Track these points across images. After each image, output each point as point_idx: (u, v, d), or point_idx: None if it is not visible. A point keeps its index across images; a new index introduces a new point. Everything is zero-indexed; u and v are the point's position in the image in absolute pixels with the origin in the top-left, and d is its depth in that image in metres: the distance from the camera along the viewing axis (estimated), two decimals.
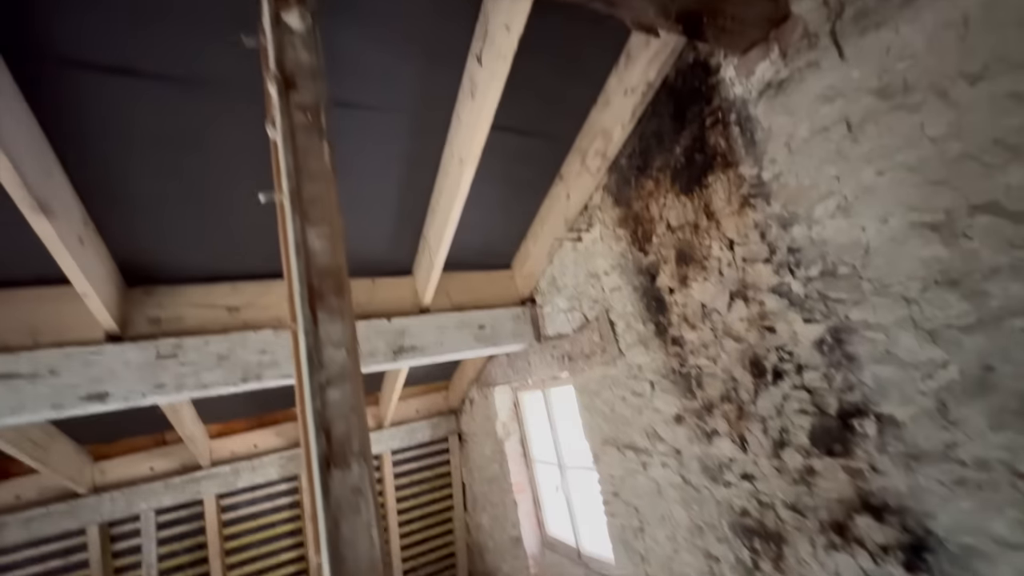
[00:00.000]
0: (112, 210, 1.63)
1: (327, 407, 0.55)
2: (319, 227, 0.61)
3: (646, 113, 1.81)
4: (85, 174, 1.50)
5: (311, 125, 0.64)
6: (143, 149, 1.50)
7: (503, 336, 2.65)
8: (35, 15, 1.14)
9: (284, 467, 3.55)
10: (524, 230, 2.61)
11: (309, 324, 0.57)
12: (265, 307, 2.10)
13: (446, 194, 1.96)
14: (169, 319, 1.92)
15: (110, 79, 1.31)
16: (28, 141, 1.25)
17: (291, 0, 0.67)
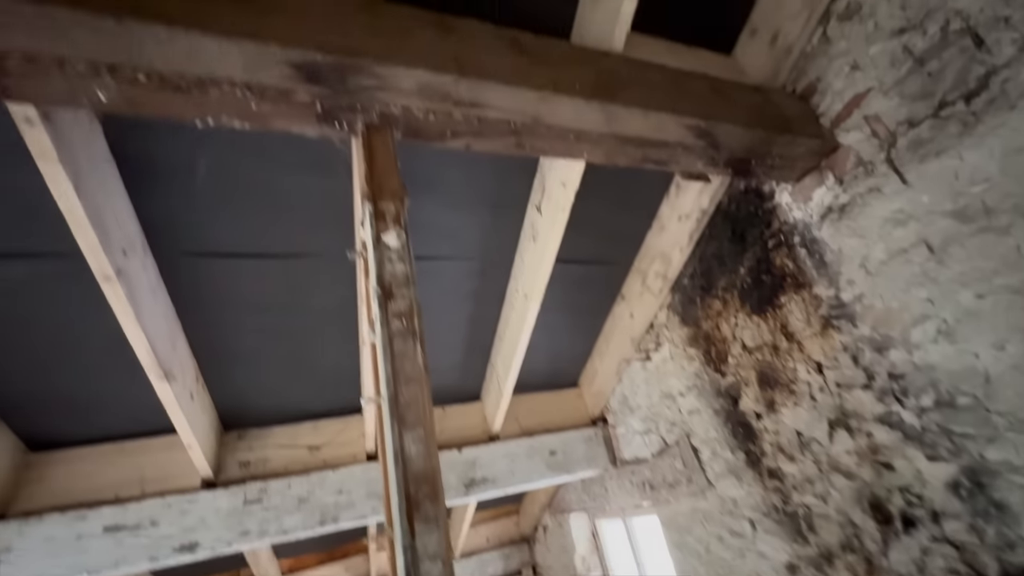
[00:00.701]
0: (218, 364, 1.82)
1: None
2: (414, 431, 0.64)
3: (703, 236, 1.85)
4: (200, 335, 1.71)
5: (406, 330, 0.71)
6: (246, 312, 1.71)
7: (576, 461, 2.52)
8: (182, 221, 1.41)
9: None
10: (589, 348, 2.60)
11: (407, 538, 0.58)
12: (343, 444, 2.15)
13: (512, 325, 2.03)
14: (257, 461, 2.01)
15: (227, 260, 1.55)
16: (163, 320, 1.47)
17: (389, 222, 0.79)
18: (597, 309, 2.37)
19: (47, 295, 1.41)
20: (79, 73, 0.70)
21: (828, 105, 1.38)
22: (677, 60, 1.38)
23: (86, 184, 1.06)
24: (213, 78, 0.76)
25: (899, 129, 1.22)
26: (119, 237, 1.22)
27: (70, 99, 0.73)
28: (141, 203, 1.33)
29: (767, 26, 1.49)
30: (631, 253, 2.15)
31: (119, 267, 1.20)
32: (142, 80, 0.73)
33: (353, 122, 0.88)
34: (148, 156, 1.24)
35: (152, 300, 1.39)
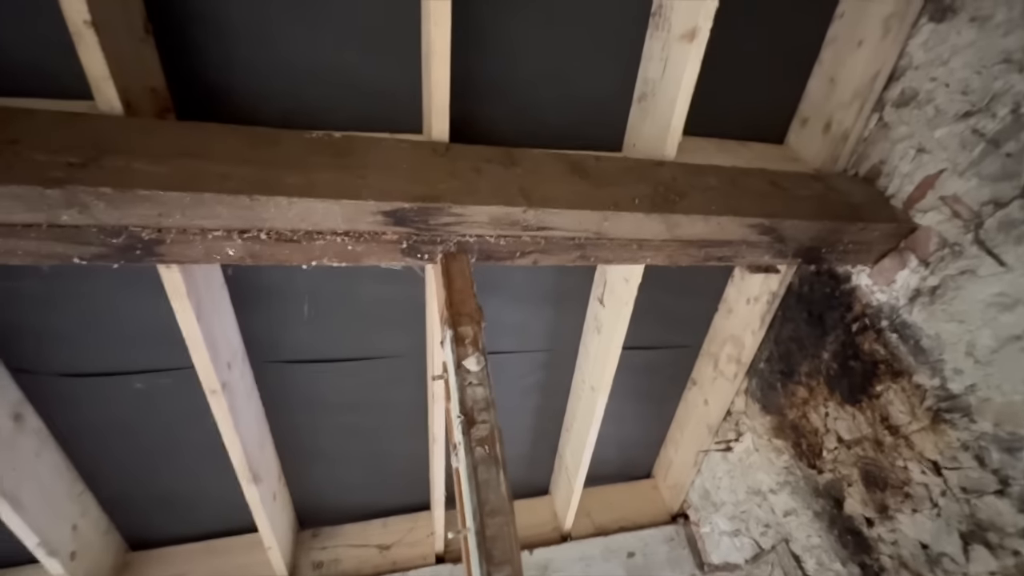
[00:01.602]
0: (298, 462, 1.90)
1: None
2: (502, 570, 0.64)
3: (776, 319, 1.77)
4: (284, 436, 1.81)
5: (489, 457, 0.73)
6: (325, 412, 1.80)
7: (658, 565, 2.29)
8: (276, 334, 1.56)
9: None
10: (662, 436, 2.46)
11: None
12: (413, 544, 2.11)
13: (580, 417, 1.98)
14: (329, 562, 2.01)
15: (311, 366, 1.67)
16: (255, 424, 1.59)
17: (468, 346, 0.84)
18: (668, 395, 2.28)
19: (158, 405, 1.57)
20: (216, 238, 0.84)
21: (897, 187, 1.35)
22: (731, 157, 1.42)
23: (205, 311, 1.22)
24: (319, 231, 0.88)
25: (984, 210, 1.16)
26: (226, 352, 1.37)
27: (206, 257, 0.88)
28: (243, 319, 1.49)
29: (818, 115, 1.52)
30: (700, 336, 2.09)
31: (224, 380, 1.34)
32: (263, 238, 0.86)
33: (433, 253, 0.98)
34: (253, 282, 1.41)
35: (247, 406, 1.51)
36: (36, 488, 1.45)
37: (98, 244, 0.81)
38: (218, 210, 0.80)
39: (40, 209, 0.74)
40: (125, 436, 1.62)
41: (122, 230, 0.80)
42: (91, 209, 0.76)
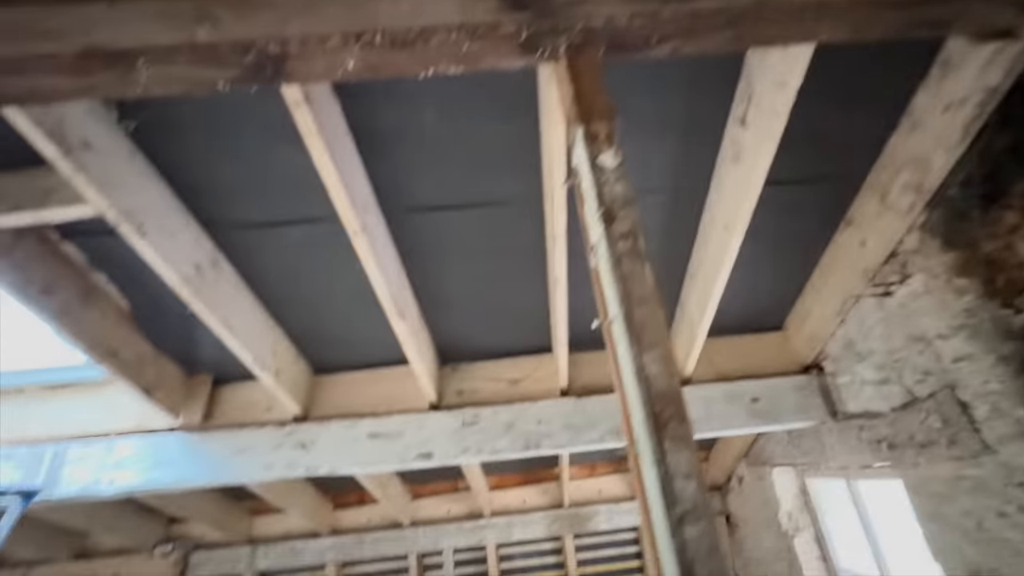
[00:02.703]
0: (433, 307, 2.10)
1: (687, 547, 0.53)
2: (652, 351, 0.63)
3: (989, 126, 1.37)
4: (418, 283, 1.99)
5: (632, 251, 0.68)
6: (452, 260, 1.90)
7: (783, 411, 2.26)
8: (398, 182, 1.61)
9: (549, 527, 3.73)
10: (799, 285, 2.25)
11: (657, 454, 0.57)
12: (539, 380, 2.32)
13: (708, 261, 1.85)
14: (469, 391, 2.31)
15: (435, 214, 1.73)
16: (394, 268, 1.74)
17: (603, 143, 0.75)
18: (812, 239, 2.01)
19: (315, 253, 1.78)
20: (334, 48, 0.81)
21: None
22: None
23: (338, 154, 1.28)
24: (433, 26, 0.80)
25: None
26: (360, 198, 1.46)
27: (328, 72, 0.86)
28: (368, 169, 1.55)
29: None
30: (864, 165, 1.74)
31: (364, 223, 1.44)
32: (378, 42, 0.81)
33: (556, 46, 0.86)
34: (370, 127, 1.43)
35: (384, 250, 1.65)
36: (241, 319, 1.80)
37: (234, 65, 0.83)
38: (332, 11, 0.76)
39: (177, 27, 0.76)
40: (296, 281, 1.90)
41: (250, 45, 0.80)
42: (221, 22, 0.76)
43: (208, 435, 2.17)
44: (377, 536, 3.65)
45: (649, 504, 0.58)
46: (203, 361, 2.23)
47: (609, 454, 3.74)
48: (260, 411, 2.23)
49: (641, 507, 0.61)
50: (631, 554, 3.98)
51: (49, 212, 1.30)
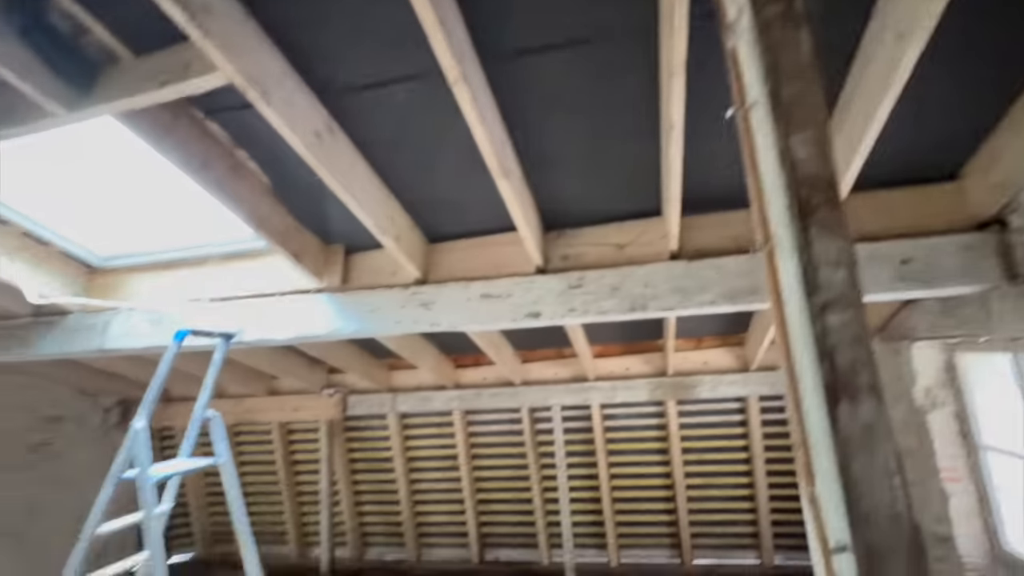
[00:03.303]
0: (535, 169, 2.05)
1: (828, 333, 0.49)
2: (804, 132, 0.53)
3: None
4: (518, 140, 1.92)
5: (785, 14, 0.55)
6: (553, 113, 1.79)
7: (942, 274, 1.95)
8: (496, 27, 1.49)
9: (652, 392, 3.89)
10: (990, 122, 1.78)
11: (800, 241, 0.51)
12: (646, 243, 2.24)
13: (866, 88, 1.51)
14: (574, 255, 2.32)
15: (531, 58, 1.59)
16: (496, 122, 1.69)
17: None
18: (1018, 58, 1.52)
19: (419, 113, 1.79)
20: None
21: None
22: None
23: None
24: None
25: None
26: (458, 45, 1.38)
27: None
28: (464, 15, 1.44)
29: None
30: None
31: (463, 71, 1.39)
32: None
33: None
34: None
35: (486, 104, 1.59)
36: (360, 187, 1.94)
37: None
38: None
39: None
40: (404, 146, 1.95)
41: None
42: None
43: (347, 296, 2.50)
44: (493, 392, 4.13)
45: (784, 299, 0.54)
46: (335, 232, 2.49)
47: (717, 327, 3.65)
48: (386, 275, 2.49)
49: (774, 308, 0.57)
50: (735, 422, 4.05)
51: (189, 84, 1.44)
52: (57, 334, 2.80)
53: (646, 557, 4.26)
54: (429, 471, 4.55)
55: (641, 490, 4.23)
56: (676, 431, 4.02)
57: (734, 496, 4.09)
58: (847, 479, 0.48)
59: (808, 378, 0.51)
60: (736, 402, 3.99)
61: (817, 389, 0.50)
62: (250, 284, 2.66)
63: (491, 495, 4.47)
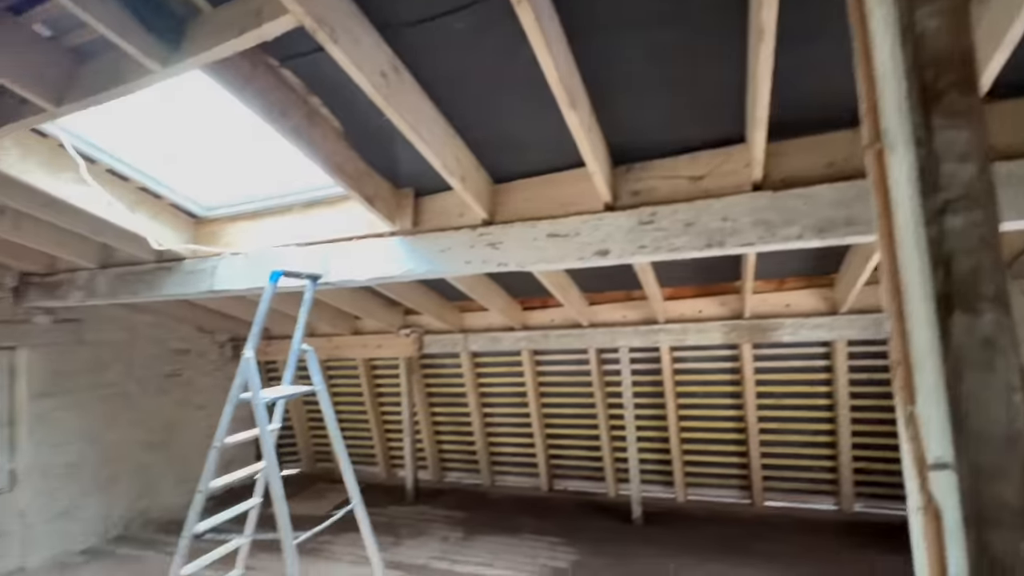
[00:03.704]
0: (603, 98, 1.93)
1: (946, 237, 0.43)
2: (933, 3, 0.45)
3: None
4: (587, 69, 1.81)
5: None
6: (623, 33, 1.65)
7: None
8: None
9: (727, 335, 3.75)
10: None
11: (919, 130, 0.44)
12: (726, 175, 2.08)
13: None
14: (644, 190, 2.21)
15: None
16: (562, 48, 1.60)
17: None
18: None
19: (481, 43, 1.73)
20: None
21: None
22: None
23: None
24: None
25: None
26: None
27: None
28: None
29: None
30: None
31: None
32: None
33: None
34: None
35: (550, 25, 1.50)
36: (427, 127, 1.94)
37: None
38: None
39: None
40: (466, 82, 1.91)
41: None
42: None
43: (418, 238, 2.59)
44: (560, 333, 4.19)
45: (894, 201, 0.48)
46: (404, 175, 2.55)
47: (802, 265, 3.38)
48: (454, 217, 2.54)
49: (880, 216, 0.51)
50: (818, 367, 3.83)
51: (263, 29, 1.48)
52: (176, 278, 3.19)
53: (715, 495, 4.29)
54: (500, 406, 4.81)
55: (711, 431, 4.20)
56: (751, 375, 3.89)
57: (813, 441, 3.94)
58: (956, 395, 0.44)
59: (917, 287, 0.46)
60: (820, 347, 3.75)
61: (928, 300, 0.45)
62: (330, 229, 2.83)
63: (559, 430, 4.66)
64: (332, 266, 2.75)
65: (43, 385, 3.91)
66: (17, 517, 3.71)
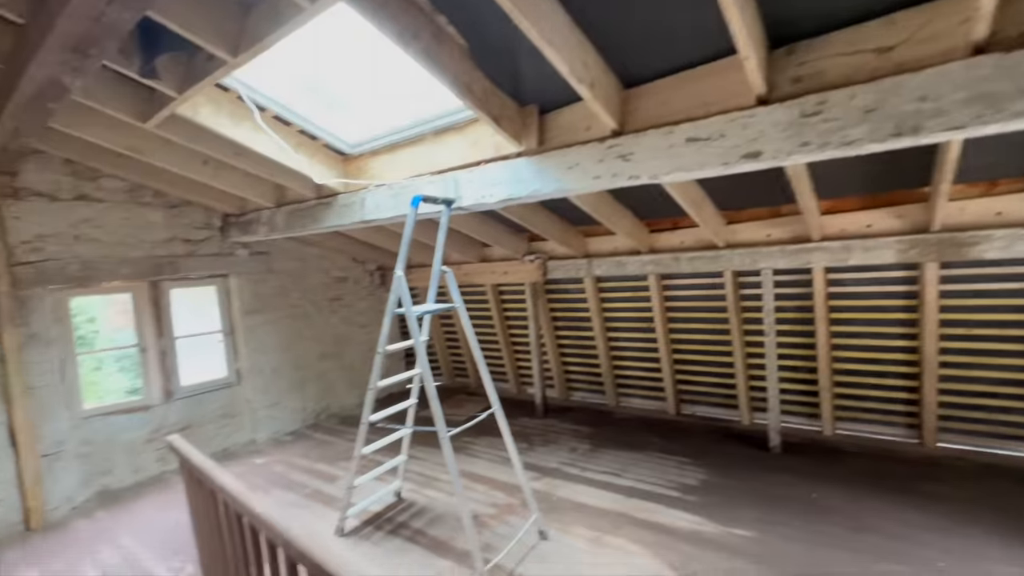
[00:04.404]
0: None
1: None
2: None
3: None
4: None
5: None
6: None
7: None
8: None
9: (904, 253, 3.17)
10: None
11: None
12: (928, 39, 1.64)
13: None
14: (810, 75, 1.86)
15: None
16: None
17: None
18: None
19: None
20: None
21: None
22: None
23: None
24: None
25: None
26: None
27: None
28: None
29: None
30: None
31: None
32: None
33: None
34: None
35: None
36: (552, 27, 1.83)
37: None
38: None
39: None
40: None
41: None
42: None
43: (544, 157, 2.55)
44: (692, 255, 3.93)
45: None
46: (528, 92, 2.49)
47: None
48: (581, 131, 2.44)
49: None
50: None
51: None
52: (333, 211, 3.63)
53: (870, 431, 3.88)
54: (625, 330, 4.79)
55: (872, 363, 3.71)
56: (933, 300, 3.28)
57: (1011, 379, 3.27)
58: None
59: None
60: None
61: None
62: (459, 156, 2.93)
63: (688, 356, 4.53)
64: (463, 191, 2.87)
65: (249, 304, 4.88)
66: (245, 404, 4.83)
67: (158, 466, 4.17)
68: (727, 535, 2.81)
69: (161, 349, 4.30)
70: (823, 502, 3.08)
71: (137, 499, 3.78)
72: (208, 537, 2.13)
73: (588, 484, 3.53)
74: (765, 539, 2.74)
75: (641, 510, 3.13)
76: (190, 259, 4.41)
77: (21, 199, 3.53)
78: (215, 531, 2.00)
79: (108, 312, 8.61)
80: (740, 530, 2.84)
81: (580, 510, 3.19)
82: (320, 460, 4.33)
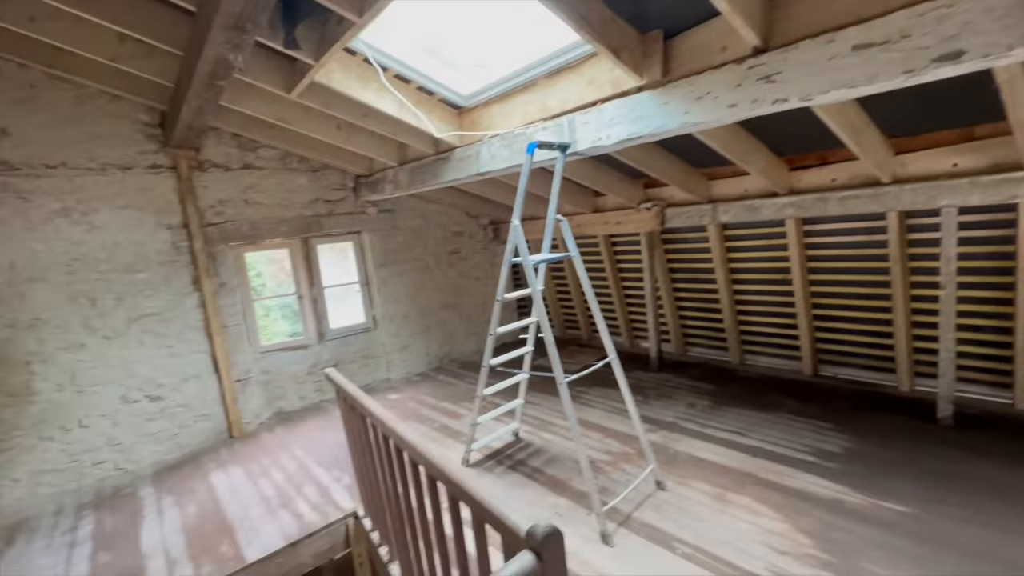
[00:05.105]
0: None
1: None
2: None
3: None
4: None
5: None
6: None
7: None
8: None
9: None
10: None
11: None
12: None
13: None
14: None
15: None
16: None
17: None
18: None
19: None
20: None
21: None
22: None
23: None
24: None
25: None
26: None
27: None
28: None
29: None
30: None
31: None
32: None
33: None
34: None
35: None
36: None
37: None
38: None
39: None
40: None
41: None
42: None
43: (669, 88, 2.32)
44: (844, 195, 3.37)
45: None
46: (652, 16, 2.25)
47: None
48: (714, 53, 2.15)
49: None
50: None
51: None
52: (450, 165, 3.76)
53: None
54: (754, 282, 4.36)
55: None
56: None
57: None
58: None
59: None
60: None
61: None
62: (574, 97, 2.79)
63: (831, 311, 3.99)
64: (578, 135, 2.75)
65: (380, 258, 5.37)
66: (380, 347, 5.43)
67: (317, 395, 4.92)
68: (877, 508, 2.51)
69: (313, 297, 4.96)
70: (1007, 484, 2.59)
71: (304, 420, 4.53)
72: (361, 454, 2.48)
73: (708, 440, 3.39)
74: (926, 517, 2.40)
75: (769, 471, 2.93)
76: (331, 218, 4.95)
77: (205, 170, 4.22)
78: (366, 450, 2.32)
79: (270, 268, 10.20)
80: (894, 504, 2.52)
81: (699, 465, 3.09)
82: (445, 399, 4.75)
